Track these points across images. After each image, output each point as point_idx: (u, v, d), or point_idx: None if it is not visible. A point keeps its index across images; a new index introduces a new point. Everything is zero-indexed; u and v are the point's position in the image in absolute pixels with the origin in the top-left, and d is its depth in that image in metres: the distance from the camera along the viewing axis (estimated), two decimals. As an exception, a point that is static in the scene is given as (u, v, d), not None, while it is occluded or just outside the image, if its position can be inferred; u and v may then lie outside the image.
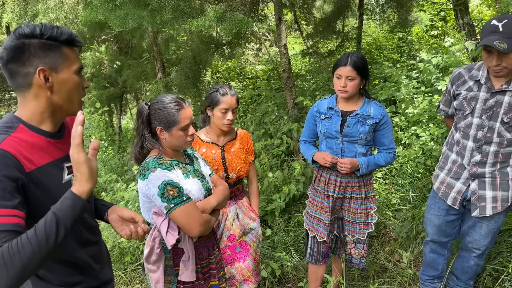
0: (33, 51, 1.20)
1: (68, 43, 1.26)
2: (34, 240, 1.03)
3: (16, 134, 1.21)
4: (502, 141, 2.11)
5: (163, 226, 1.82)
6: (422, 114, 3.91)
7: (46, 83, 1.23)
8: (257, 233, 2.60)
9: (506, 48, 1.86)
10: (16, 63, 1.21)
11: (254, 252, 2.56)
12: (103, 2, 3.19)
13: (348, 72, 2.32)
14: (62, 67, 1.25)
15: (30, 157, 1.21)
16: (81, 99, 1.36)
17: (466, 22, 5.66)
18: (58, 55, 1.24)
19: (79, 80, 1.31)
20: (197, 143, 2.48)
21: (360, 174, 2.44)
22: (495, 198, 2.21)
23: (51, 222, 1.06)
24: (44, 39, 1.21)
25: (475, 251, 2.42)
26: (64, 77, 1.26)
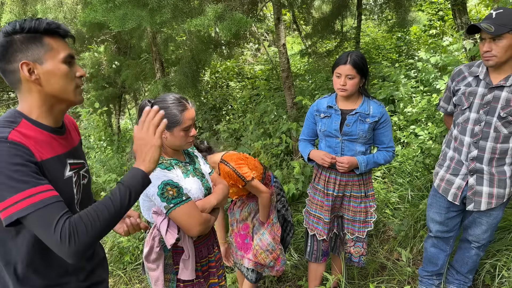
0: (15, 47, 1.20)
1: (50, 33, 1.24)
2: (112, 208, 1.18)
3: (19, 128, 1.22)
4: (499, 136, 2.14)
5: (162, 225, 1.83)
6: (420, 113, 3.92)
7: (31, 76, 1.22)
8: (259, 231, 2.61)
9: (493, 30, 1.93)
10: (4, 61, 1.21)
11: (255, 248, 2.58)
12: (102, 2, 3.19)
13: (348, 70, 2.33)
14: (46, 57, 1.23)
15: (38, 148, 1.22)
16: (78, 88, 1.33)
17: (464, 22, 5.67)
18: (40, 46, 1.22)
19: (67, 69, 1.27)
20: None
21: (360, 172, 2.45)
22: (491, 194, 2.24)
23: (124, 195, 1.21)
24: (24, 33, 1.21)
25: (475, 243, 2.47)
26: (49, 67, 1.24)
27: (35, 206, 1.10)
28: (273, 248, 2.60)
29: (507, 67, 2.08)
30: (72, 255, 1.12)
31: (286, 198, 2.89)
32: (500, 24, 1.94)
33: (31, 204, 1.10)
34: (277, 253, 2.63)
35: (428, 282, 2.69)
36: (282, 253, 2.67)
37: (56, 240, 1.10)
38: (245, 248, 2.63)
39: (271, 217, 2.62)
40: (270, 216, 2.62)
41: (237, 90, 7.58)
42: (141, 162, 1.29)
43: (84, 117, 6.96)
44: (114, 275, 4.11)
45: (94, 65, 7.52)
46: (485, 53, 2.06)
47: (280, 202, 2.78)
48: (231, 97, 7.30)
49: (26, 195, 1.10)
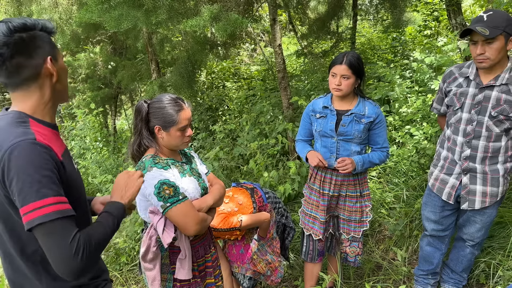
0: (39, 43, 1.24)
1: (52, 33, 1.33)
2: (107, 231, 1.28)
3: (33, 127, 1.23)
4: (491, 135, 2.17)
5: (159, 225, 1.83)
6: (415, 113, 3.95)
7: (51, 72, 1.28)
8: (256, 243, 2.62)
9: (488, 33, 1.95)
10: (23, 57, 1.21)
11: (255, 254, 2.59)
12: (98, 3, 3.19)
13: (343, 70, 2.34)
14: (57, 55, 1.31)
15: (54, 147, 1.24)
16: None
17: (459, 22, 5.70)
18: (52, 45, 1.30)
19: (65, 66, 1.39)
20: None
21: (356, 172, 2.46)
22: (485, 193, 2.27)
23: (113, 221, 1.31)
24: (38, 31, 1.25)
25: (470, 242, 2.49)
26: (61, 64, 1.33)
27: (57, 214, 1.13)
28: (272, 260, 2.62)
29: (497, 67, 2.12)
30: (79, 270, 1.15)
31: (283, 206, 2.89)
32: (493, 27, 1.96)
33: (54, 211, 1.12)
34: (276, 264, 2.65)
35: (424, 281, 2.71)
36: (280, 266, 2.68)
37: (69, 252, 1.13)
38: (240, 259, 2.63)
39: (271, 232, 2.64)
40: (271, 231, 2.63)
41: (233, 91, 7.58)
42: (120, 197, 1.40)
43: (80, 118, 6.95)
44: (110, 276, 4.10)
45: (90, 65, 7.51)
46: (478, 56, 2.08)
47: (277, 213, 2.79)
48: (227, 97, 7.30)
49: (51, 202, 1.12)
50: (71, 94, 9.73)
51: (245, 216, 2.45)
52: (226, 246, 2.74)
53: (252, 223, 2.49)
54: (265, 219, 2.54)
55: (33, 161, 1.13)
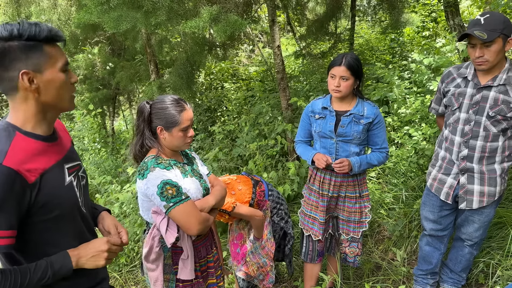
0: (13, 55, 1.16)
1: (49, 40, 1.21)
2: (26, 280, 1.19)
3: (15, 143, 1.20)
4: (488, 135, 2.19)
5: (162, 225, 1.84)
6: (414, 114, 3.97)
7: (31, 85, 1.19)
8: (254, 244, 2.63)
9: (486, 37, 1.97)
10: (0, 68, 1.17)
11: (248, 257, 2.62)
12: (97, 4, 3.19)
13: (342, 72, 2.35)
14: (46, 66, 1.21)
15: (31, 166, 1.20)
16: (71, 95, 1.33)
17: (457, 23, 5.74)
18: (40, 55, 1.19)
19: (64, 77, 1.27)
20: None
21: (353, 173, 2.47)
22: (483, 192, 2.29)
23: (43, 275, 1.22)
24: (23, 40, 1.16)
25: (468, 241, 2.51)
26: (49, 77, 1.22)
27: None
28: (264, 263, 2.62)
29: (495, 68, 2.15)
30: None
31: (286, 210, 2.86)
32: (491, 30, 1.98)
33: None
34: (267, 269, 2.65)
35: (423, 281, 2.73)
36: (272, 270, 2.68)
37: None
38: (237, 258, 2.65)
39: (265, 232, 2.64)
40: (265, 232, 2.64)
41: (232, 92, 7.59)
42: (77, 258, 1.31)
43: (78, 119, 6.95)
44: (110, 277, 4.10)
45: (88, 66, 7.50)
46: (477, 59, 2.10)
47: (277, 215, 2.78)
48: (226, 98, 7.31)
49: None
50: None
51: (240, 204, 2.44)
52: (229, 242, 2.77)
53: (245, 214, 2.48)
54: (258, 216, 2.53)
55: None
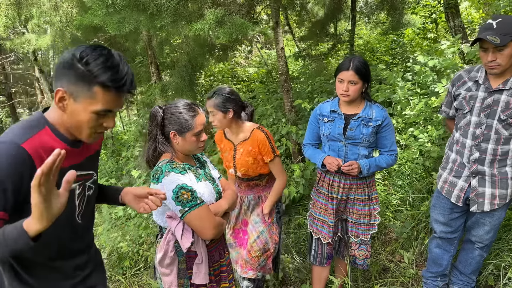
0: (69, 72, 1.21)
1: (105, 86, 1.22)
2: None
3: (40, 134, 1.24)
4: (500, 138, 2.20)
5: (178, 229, 1.84)
6: (418, 115, 3.98)
7: (59, 102, 1.24)
8: (258, 228, 2.63)
9: (499, 42, 1.98)
10: (56, 73, 1.25)
11: (250, 245, 2.61)
12: (103, 7, 3.18)
13: (351, 76, 2.35)
14: (82, 100, 1.24)
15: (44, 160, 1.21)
16: (93, 133, 1.33)
17: (457, 24, 5.78)
18: (86, 89, 1.22)
19: (93, 119, 1.28)
20: (221, 138, 2.72)
21: (362, 176, 2.47)
22: (494, 195, 2.30)
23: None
24: (85, 69, 1.20)
25: (479, 244, 2.52)
26: (79, 108, 1.25)
27: None
28: (269, 247, 2.64)
29: (506, 71, 2.15)
30: None
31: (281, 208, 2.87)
32: (504, 34, 1.99)
33: None
34: (271, 251, 2.67)
35: (433, 283, 2.73)
36: (272, 255, 2.71)
37: None
38: (244, 244, 2.66)
39: (272, 216, 2.67)
40: (272, 215, 2.66)
41: (232, 93, 7.57)
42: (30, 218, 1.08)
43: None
44: (113, 280, 4.08)
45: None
46: (489, 63, 2.10)
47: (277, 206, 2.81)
48: (227, 100, 7.29)
49: None
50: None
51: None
52: (232, 231, 2.77)
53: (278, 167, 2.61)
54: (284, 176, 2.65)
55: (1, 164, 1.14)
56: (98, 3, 3.10)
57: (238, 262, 2.70)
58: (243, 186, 2.70)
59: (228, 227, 2.79)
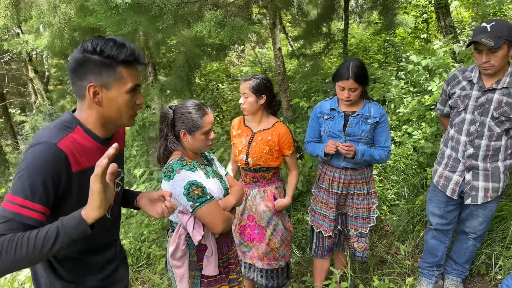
0: (89, 67, 1.27)
1: (126, 63, 1.30)
2: (32, 244, 1.12)
3: (72, 134, 1.31)
4: (492, 135, 2.33)
5: (189, 223, 1.93)
6: (412, 113, 4.11)
7: (94, 98, 1.30)
8: (272, 221, 2.71)
9: (493, 44, 2.11)
10: (75, 75, 1.30)
11: (268, 238, 2.69)
12: (106, 10, 3.25)
13: (351, 84, 2.45)
14: (114, 85, 1.31)
15: (79, 159, 1.30)
16: (133, 113, 1.42)
17: (448, 24, 5.93)
18: (112, 74, 1.29)
19: (129, 99, 1.36)
20: (239, 124, 2.76)
21: (354, 161, 2.55)
22: (487, 188, 2.43)
23: (51, 234, 1.14)
24: (102, 57, 1.27)
25: (472, 234, 2.65)
26: (114, 95, 1.32)
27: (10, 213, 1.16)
28: (285, 237, 2.75)
29: (499, 72, 2.29)
30: None
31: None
32: (497, 37, 2.12)
33: (10, 210, 1.17)
34: (288, 240, 2.79)
35: (429, 273, 2.86)
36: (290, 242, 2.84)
37: None
38: (258, 237, 2.72)
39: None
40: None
41: (228, 93, 7.67)
42: (86, 206, 1.17)
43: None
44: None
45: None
46: (483, 64, 2.24)
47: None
48: (222, 99, 7.39)
49: (17, 202, 1.18)
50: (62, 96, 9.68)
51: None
52: (238, 228, 2.78)
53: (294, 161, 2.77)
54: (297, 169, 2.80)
55: (36, 163, 1.20)
56: (102, 6, 3.17)
57: (255, 257, 2.74)
58: (248, 178, 2.74)
59: (233, 223, 2.85)
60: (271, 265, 2.72)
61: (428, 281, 2.86)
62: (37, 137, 1.28)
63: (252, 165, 2.65)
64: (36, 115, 9.08)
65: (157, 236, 4.41)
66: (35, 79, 10.74)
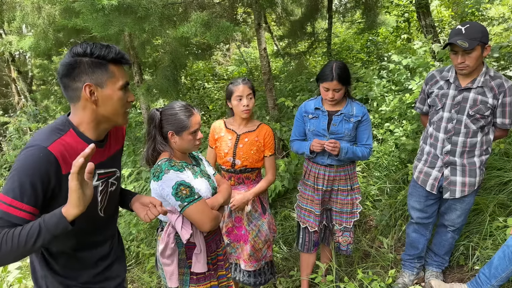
0: (82, 68, 1.34)
1: (115, 61, 1.39)
2: (16, 240, 1.20)
3: (65, 137, 1.37)
4: (469, 132, 2.45)
5: (177, 222, 1.98)
6: (393, 111, 4.23)
7: (91, 97, 1.37)
8: (257, 223, 2.78)
9: (467, 46, 2.22)
10: (68, 78, 1.36)
11: (253, 240, 2.75)
12: (93, 12, 3.27)
13: (335, 85, 2.54)
14: (107, 83, 1.39)
15: (70, 161, 1.34)
16: (126, 111, 1.49)
17: (428, 23, 6.07)
18: (104, 72, 1.37)
19: (123, 95, 1.44)
20: (220, 127, 2.78)
21: (338, 158, 2.64)
22: (464, 183, 2.54)
23: (34, 230, 1.21)
24: (93, 58, 1.35)
25: (451, 227, 2.77)
26: (109, 92, 1.40)
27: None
28: (269, 238, 2.81)
29: (474, 72, 2.40)
30: None
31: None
32: (471, 39, 2.23)
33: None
34: (271, 241, 2.85)
35: (410, 265, 2.97)
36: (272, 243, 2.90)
37: None
38: (243, 238, 2.79)
39: (267, 207, 2.85)
40: (266, 207, 2.84)
41: (214, 92, 7.70)
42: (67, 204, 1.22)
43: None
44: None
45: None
46: (459, 64, 2.35)
47: None
48: (209, 98, 7.42)
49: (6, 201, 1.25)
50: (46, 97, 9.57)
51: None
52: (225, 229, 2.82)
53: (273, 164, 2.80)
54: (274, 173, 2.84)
55: (26, 165, 1.27)
56: (88, 8, 3.19)
57: (240, 258, 2.81)
58: (233, 180, 2.79)
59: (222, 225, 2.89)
60: (253, 267, 2.79)
61: (410, 272, 2.97)
62: (31, 140, 1.34)
63: (239, 167, 2.71)
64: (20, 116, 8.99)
65: (146, 235, 4.45)
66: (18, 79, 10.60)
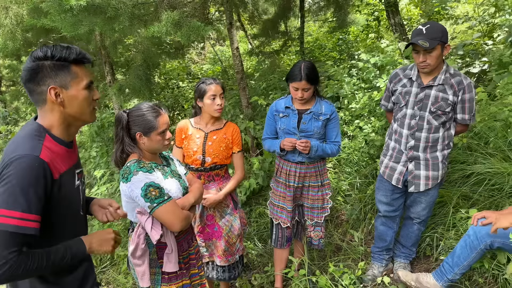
0: (45, 72, 1.36)
1: (77, 62, 1.41)
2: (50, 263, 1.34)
3: (45, 143, 1.38)
4: (431, 127, 2.55)
5: (147, 223, 1.99)
6: (363, 108, 4.34)
7: (57, 99, 1.38)
8: (229, 218, 2.82)
9: (428, 45, 2.32)
10: (33, 83, 1.37)
11: (227, 235, 2.80)
12: (61, 12, 3.22)
13: (304, 85, 2.61)
14: (71, 84, 1.40)
15: (56, 165, 1.38)
16: (93, 109, 1.52)
17: (397, 22, 6.23)
18: (67, 74, 1.39)
19: (88, 94, 1.46)
20: (187, 127, 2.79)
21: (309, 156, 2.71)
22: (428, 176, 2.65)
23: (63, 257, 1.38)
24: (54, 61, 1.36)
25: (417, 219, 2.87)
26: (74, 93, 1.42)
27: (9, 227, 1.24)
28: (240, 231, 2.87)
29: (435, 70, 2.50)
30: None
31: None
32: (432, 38, 2.32)
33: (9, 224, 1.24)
34: (242, 234, 2.92)
35: (379, 257, 3.07)
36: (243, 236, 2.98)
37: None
38: (216, 235, 2.83)
39: (238, 202, 2.93)
40: (238, 203, 2.92)
41: (189, 91, 7.68)
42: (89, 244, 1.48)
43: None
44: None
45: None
46: (421, 63, 2.44)
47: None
48: (183, 97, 7.40)
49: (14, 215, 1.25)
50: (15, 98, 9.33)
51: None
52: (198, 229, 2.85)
53: (241, 161, 2.87)
54: (243, 170, 2.90)
55: (25, 176, 1.27)
56: (56, 8, 3.14)
57: (214, 254, 2.85)
58: (203, 179, 2.81)
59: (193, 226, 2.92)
60: (228, 261, 2.83)
61: (379, 264, 3.07)
62: (15, 149, 1.32)
63: (208, 164, 2.74)
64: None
65: (128, 233, 4.42)
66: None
